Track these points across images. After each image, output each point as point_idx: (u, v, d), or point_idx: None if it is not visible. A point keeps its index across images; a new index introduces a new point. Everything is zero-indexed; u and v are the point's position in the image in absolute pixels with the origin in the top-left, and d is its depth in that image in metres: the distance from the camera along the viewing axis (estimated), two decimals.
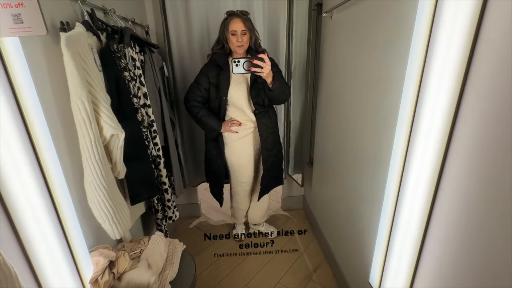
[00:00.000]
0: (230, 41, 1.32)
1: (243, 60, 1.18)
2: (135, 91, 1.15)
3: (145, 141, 1.18)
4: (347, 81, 1.22)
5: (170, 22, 1.57)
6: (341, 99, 1.30)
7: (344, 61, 1.25)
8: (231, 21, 1.30)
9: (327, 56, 1.46)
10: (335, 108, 1.38)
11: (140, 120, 1.12)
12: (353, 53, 1.15)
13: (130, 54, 1.17)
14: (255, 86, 1.41)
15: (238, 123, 1.47)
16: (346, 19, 1.21)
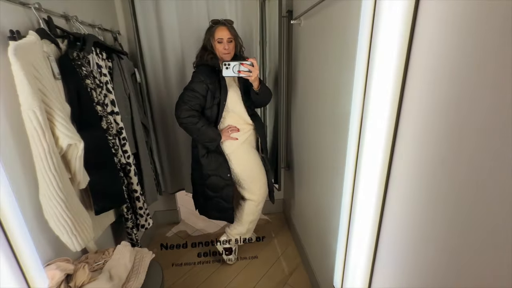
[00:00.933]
0: (216, 49, 1.33)
1: (234, 63, 1.23)
2: (100, 98, 1.14)
3: (112, 149, 1.16)
4: (313, 87, 1.25)
5: (141, 27, 1.56)
6: (309, 105, 1.33)
7: (311, 66, 1.28)
8: (217, 29, 1.30)
9: (298, 61, 1.49)
10: (305, 113, 1.41)
11: (105, 128, 1.10)
12: (317, 59, 1.18)
13: (96, 61, 1.16)
14: (246, 90, 1.43)
15: (236, 129, 1.43)
16: (312, 26, 1.24)
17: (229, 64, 1.24)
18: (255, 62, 1.25)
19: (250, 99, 1.42)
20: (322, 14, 1.08)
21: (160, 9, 1.55)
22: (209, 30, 1.34)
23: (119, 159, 1.24)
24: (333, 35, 0.99)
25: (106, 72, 1.22)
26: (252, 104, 1.46)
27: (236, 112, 1.43)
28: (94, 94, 1.06)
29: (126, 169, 1.33)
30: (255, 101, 1.41)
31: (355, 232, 0.80)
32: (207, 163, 1.44)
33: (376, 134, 0.67)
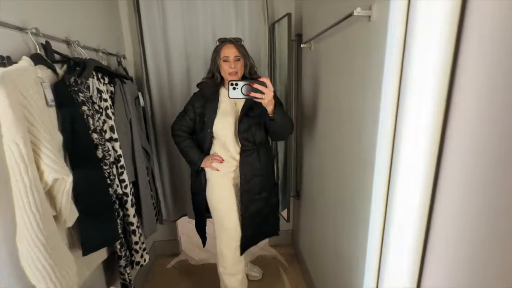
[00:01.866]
0: (222, 69, 1.22)
1: (242, 83, 1.02)
2: (98, 125, 1.06)
3: (107, 179, 1.06)
4: (329, 113, 1.16)
5: (148, 51, 1.53)
6: (323, 132, 1.23)
7: (325, 91, 1.19)
8: (223, 47, 1.20)
9: (309, 86, 1.41)
10: (319, 141, 1.30)
11: (100, 157, 1.02)
12: (333, 83, 1.10)
13: (96, 86, 1.11)
14: (246, 120, 1.24)
15: (220, 160, 1.30)
16: (325, 49, 1.17)
17: (236, 84, 1.02)
18: (269, 82, 1.01)
19: (251, 130, 1.25)
20: (337, 37, 1.01)
21: (167, 33, 1.53)
22: (216, 49, 1.24)
23: (115, 189, 1.15)
24: (352, 58, 0.90)
25: (107, 97, 1.16)
26: (259, 137, 1.28)
27: (222, 142, 1.29)
28: (91, 121, 0.98)
29: (123, 199, 1.23)
30: (271, 131, 1.23)
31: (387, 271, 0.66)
32: (193, 182, 1.43)
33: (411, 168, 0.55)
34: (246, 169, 1.28)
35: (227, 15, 1.54)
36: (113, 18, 1.49)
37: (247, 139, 1.25)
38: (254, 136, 1.26)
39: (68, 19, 1.08)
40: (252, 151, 1.28)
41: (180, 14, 1.52)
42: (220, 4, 1.53)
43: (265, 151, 1.33)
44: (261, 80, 1.02)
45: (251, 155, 1.28)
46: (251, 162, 1.28)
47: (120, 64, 1.39)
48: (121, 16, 1.55)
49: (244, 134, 1.25)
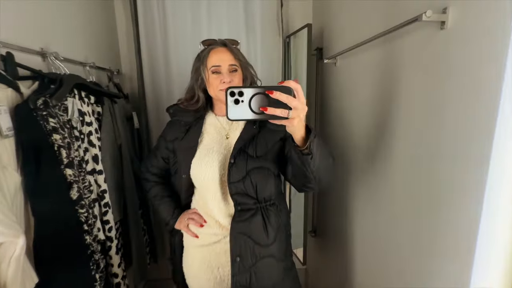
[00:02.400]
0: (209, 84, 0.78)
1: (251, 91, 0.52)
2: (77, 156, 0.85)
3: (83, 225, 0.84)
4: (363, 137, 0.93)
5: (145, 65, 1.34)
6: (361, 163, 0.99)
7: (356, 115, 0.98)
8: (211, 53, 0.78)
9: (336, 106, 1.19)
10: (351, 171, 1.06)
11: (75, 199, 0.80)
12: (369, 106, 0.88)
13: (78, 107, 0.90)
14: (242, 161, 0.77)
15: (199, 223, 0.83)
16: (355, 66, 0.97)
17: (240, 93, 0.53)
18: (298, 87, 0.52)
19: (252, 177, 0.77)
20: (381, 50, 0.81)
21: (168, 47, 1.35)
22: (199, 56, 0.81)
23: (95, 235, 0.91)
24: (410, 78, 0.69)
25: (91, 120, 0.96)
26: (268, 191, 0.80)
27: (202, 196, 0.84)
28: (65, 153, 0.77)
29: (106, 245, 0.99)
30: (300, 175, 0.68)
31: None
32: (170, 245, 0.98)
33: None
34: (241, 246, 0.78)
35: (236, 27, 1.36)
36: (108, 28, 1.32)
37: (243, 193, 0.77)
38: (257, 189, 0.78)
39: (47, 28, 0.89)
40: (253, 213, 0.79)
41: (182, 27, 1.34)
42: (228, 15, 1.35)
43: (277, 212, 0.82)
44: (283, 85, 0.51)
45: (252, 220, 0.78)
46: (250, 232, 0.78)
47: (111, 79, 1.20)
48: (117, 26, 1.37)
49: (238, 186, 0.76)
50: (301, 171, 0.65)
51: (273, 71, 1.44)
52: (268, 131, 0.81)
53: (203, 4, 1.32)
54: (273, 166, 0.80)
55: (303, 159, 0.62)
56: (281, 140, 0.80)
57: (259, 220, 0.79)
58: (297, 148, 0.62)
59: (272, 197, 0.82)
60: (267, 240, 0.80)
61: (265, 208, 0.81)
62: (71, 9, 1.03)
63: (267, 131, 0.81)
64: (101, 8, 1.24)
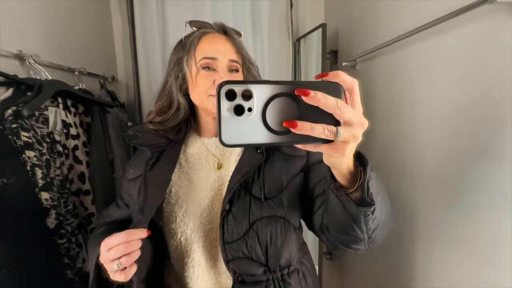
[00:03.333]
0: (194, 84, 0.52)
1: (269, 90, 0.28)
2: (59, 174, 0.72)
3: (64, 257, 0.70)
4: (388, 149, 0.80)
5: (142, 70, 1.22)
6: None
7: (381, 122, 0.85)
8: (203, 38, 0.53)
9: None
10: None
11: (52, 228, 0.66)
12: (396, 114, 0.75)
13: (62, 117, 0.78)
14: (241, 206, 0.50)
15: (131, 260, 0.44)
16: (380, 69, 0.84)
17: (247, 92, 0.27)
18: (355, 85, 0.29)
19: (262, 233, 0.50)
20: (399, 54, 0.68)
21: (166, 50, 1.23)
22: (182, 43, 0.56)
23: (79, 268, 0.78)
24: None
25: (78, 133, 0.84)
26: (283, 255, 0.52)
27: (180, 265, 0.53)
28: (40, 173, 0.64)
29: None
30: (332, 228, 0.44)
31: None
32: None
33: None
34: None
35: (243, 29, 1.24)
36: (103, 31, 1.21)
37: (247, 258, 0.50)
38: (267, 251, 0.50)
39: (27, 27, 0.78)
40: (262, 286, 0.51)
41: (182, 28, 1.23)
42: (234, 16, 1.24)
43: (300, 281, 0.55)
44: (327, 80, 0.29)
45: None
46: None
47: (103, 87, 1.08)
48: (113, 26, 1.27)
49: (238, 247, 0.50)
50: (346, 227, 0.39)
51: (282, 77, 1.32)
52: (283, 158, 0.53)
53: (207, 4, 1.22)
54: (292, 214, 0.52)
55: (355, 212, 0.36)
56: (302, 171, 0.54)
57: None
58: (344, 193, 0.36)
59: (293, 261, 0.54)
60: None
61: (282, 280, 0.52)
62: (59, 8, 0.92)
63: (282, 157, 0.53)
64: (95, 8, 1.13)
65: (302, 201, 0.53)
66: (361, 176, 0.35)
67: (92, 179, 0.86)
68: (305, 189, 0.53)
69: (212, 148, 0.56)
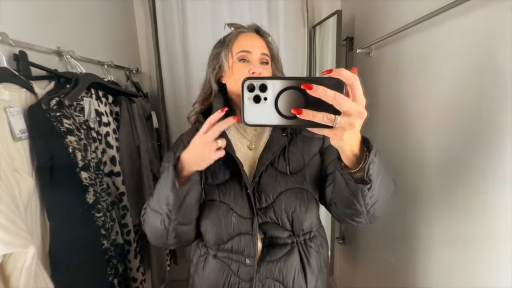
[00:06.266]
0: (231, 74, 0.59)
1: (280, 84, 0.36)
2: (95, 157, 0.82)
3: (101, 229, 0.81)
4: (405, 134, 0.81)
5: (164, 61, 1.30)
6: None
7: (396, 108, 0.85)
8: (239, 37, 0.61)
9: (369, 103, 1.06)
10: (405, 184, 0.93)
11: (91, 203, 0.77)
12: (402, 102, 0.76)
13: (95, 107, 0.88)
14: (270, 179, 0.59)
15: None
16: (395, 56, 0.84)
17: (263, 86, 0.37)
18: (355, 81, 0.35)
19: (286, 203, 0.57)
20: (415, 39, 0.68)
21: (187, 40, 1.30)
22: (223, 41, 0.63)
23: (113, 239, 0.89)
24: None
25: (109, 120, 0.93)
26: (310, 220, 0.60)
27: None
28: (80, 155, 0.74)
29: (124, 250, 0.96)
30: (338, 203, 0.53)
31: None
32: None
33: None
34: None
35: (259, 18, 1.27)
36: (127, 27, 1.29)
37: (274, 223, 0.58)
38: (293, 218, 0.58)
39: (64, 26, 0.87)
40: (287, 250, 0.59)
41: (202, 20, 1.28)
42: (250, 5, 1.26)
43: (319, 248, 0.63)
44: (331, 76, 0.35)
45: (287, 261, 0.59)
46: (284, 277, 0.58)
47: (128, 78, 1.17)
48: (136, 22, 1.35)
49: (267, 213, 0.58)
50: (348, 202, 0.47)
51: (297, 65, 1.34)
52: (304, 140, 0.62)
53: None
54: (312, 187, 0.60)
55: (355, 188, 0.43)
56: (319, 152, 0.62)
57: (296, 260, 0.59)
58: (347, 172, 0.43)
59: (313, 228, 0.62)
60: (304, 287, 0.59)
61: (304, 244, 0.60)
62: (89, 8, 1.00)
63: (302, 139, 0.62)
64: (120, 7, 1.21)
65: (319, 178, 0.61)
66: (365, 159, 0.41)
67: (122, 163, 0.96)
68: (321, 168, 0.61)
69: (245, 129, 0.64)
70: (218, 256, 0.60)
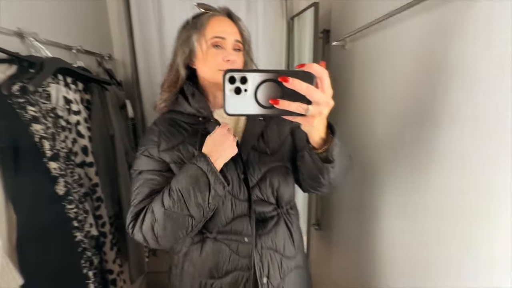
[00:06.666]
0: (205, 60, 0.59)
1: (259, 77, 0.39)
2: (64, 147, 0.78)
3: (73, 221, 0.78)
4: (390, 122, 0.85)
5: (139, 48, 1.25)
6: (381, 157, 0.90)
7: (368, 100, 0.90)
8: (213, 20, 0.60)
9: (345, 93, 1.10)
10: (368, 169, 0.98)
11: (61, 194, 0.74)
12: (381, 92, 0.80)
13: (63, 94, 0.83)
14: (255, 160, 0.63)
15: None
16: (367, 50, 0.88)
17: (243, 79, 0.39)
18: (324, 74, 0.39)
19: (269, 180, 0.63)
20: (385, 33, 0.72)
21: (163, 26, 1.25)
22: (193, 22, 0.61)
23: (87, 231, 0.86)
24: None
25: (80, 109, 0.89)
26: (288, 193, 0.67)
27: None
28: (48, 145, 0.70)
29: (99, 241, 0.94)
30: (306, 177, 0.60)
31: None
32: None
33: None
34: (269, 263, 0.63)
35: (237, 6, 1.26)
36: (96, 8, 1.21)
37: (261, 200, 0.64)
38: (277, 193, 0.64)
39: (25, 6, 0.80)
40: (275, 221, 0.65)
41: (179, 6, 1.24)
42: None
43: (297, 215, 0.73)
44: (304, 69, 0.39)
45: (277, 231, 0.65)
46: (277, 244, 0.65)
47: (100, 65, 1.11)
48: (107, 5, 1.27)
49: (254, 192, 0.63)
50: (314, 176, 0.55)
51: (275, 56, 1.35)
52: (277, 122, 0.67)
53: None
54: (289, 164, 0.66)
55: (320, 166, 0.51)
56: (290, 133, 0.68)
57: (284, 228, 0.66)
58: (314, 152, 0.50)
59: (291, 199, 0.70)
60: (294, 250, 0.67)
61: (287, 213, 0.68)
62: None
63: (276, 121, 0.67)
64: None
65: (292, 155, 0.67)
66: (330, 142, 0.48)
67: (95, 153, 0.93)
68: (292, 146, 0.67)
69: (224, 119, 0.64)
70: (218, 238, 0.63)
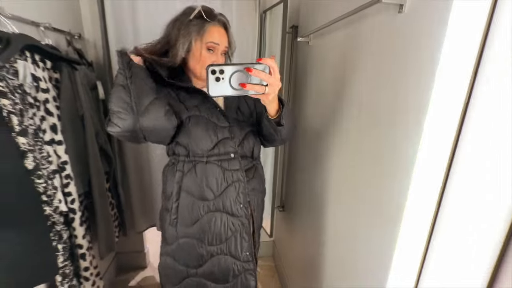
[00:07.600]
0: (199, 59, 0.78)
1: (231, 69, 0.60)
2: (32, 123, 0.80)
3: (42, 195, 0.81)
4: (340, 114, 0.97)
5: (111, 29, 1.24)
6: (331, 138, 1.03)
7: (335, 90, 1.01)
8: (211, 28, 0.77)
9: (308, 85, 1.21)
10: (319, 148, 1.11)
11: (30, 168, 0.76)
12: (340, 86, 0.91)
13: (31, 71, 0.83)
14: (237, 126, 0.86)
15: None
16: (324, 46, 0.98)
17: (221, 71, 0.60)
18: (274, 65, 0.61)
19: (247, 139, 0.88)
20: (355, 27, 0.82)
21: (137, 9, 1.25)
22: (194, 25, 0.76)
23: (56, 206, 0.89)
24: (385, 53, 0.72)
25: (48, 87, 0.89)
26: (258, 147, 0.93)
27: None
28: (16, 120, 0.72)
29: (69, 217, 0.98)
30: (269, 139, 0.86)
31: None
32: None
33: None
34: (255, 201, 0.93)
35: (212, 0, 1.29)
36: None
37: (244, 156, 0.88)
38: (253, 150, 0.90)
39: None
40: (254, 170, 0.93)
41: None
42: None
43: (261, 166, 0.99)
44: (260, 62, 0.59)
45: (256, 176, 0.93)
46: (257, 186, 0.93)
47: (70, 44, 1.10)
48: None
49: (240, 148, 0.87)
50: (271, 134, 0.81)
51: (248, 47, 1.41)
52: (246, 97, 0.86)
53: None
54: (255, 127, 0.90)
55: (275, 128, 0.78)
56: (254, 104, 0.92)
57: (258, 174, 0.94)
58: (271, 119, 0.76)
59: (260, 153, 0.96)
60: (263, 188, 0.98)
61: (258, 163, 0.95)
62: None
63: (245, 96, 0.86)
64: None
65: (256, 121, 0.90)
66: (281, 111, 0.74)
67: (64, 131, 0.94)
68: (256, 115, 0.91)
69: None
70: (209, 161, 0.83)
